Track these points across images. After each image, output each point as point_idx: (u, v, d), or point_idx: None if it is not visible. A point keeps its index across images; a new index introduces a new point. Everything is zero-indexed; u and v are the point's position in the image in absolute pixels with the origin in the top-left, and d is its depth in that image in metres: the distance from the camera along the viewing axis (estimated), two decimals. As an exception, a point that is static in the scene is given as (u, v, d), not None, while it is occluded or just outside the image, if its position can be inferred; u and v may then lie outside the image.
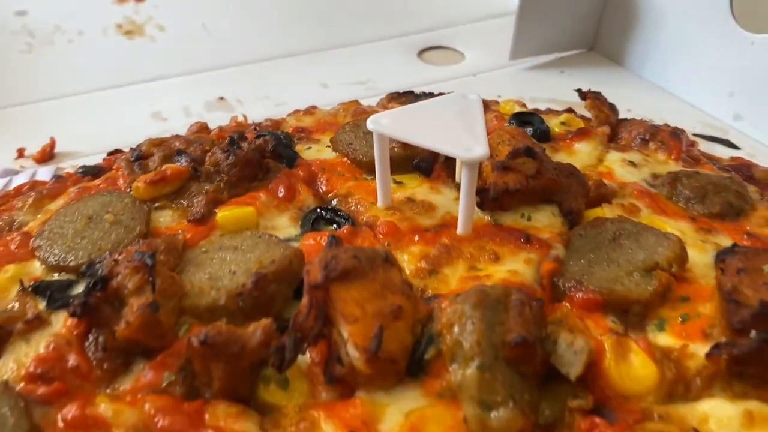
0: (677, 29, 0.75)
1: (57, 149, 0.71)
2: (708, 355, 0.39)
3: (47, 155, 0.67)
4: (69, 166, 0.67)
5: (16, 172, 0.65)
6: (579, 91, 0.69)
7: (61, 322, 0.42)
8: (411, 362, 0.39)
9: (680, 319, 0.44)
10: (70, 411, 0.37)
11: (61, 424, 0.37)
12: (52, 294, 0.44)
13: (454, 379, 0.38)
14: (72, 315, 0.41)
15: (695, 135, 0.69)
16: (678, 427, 0.36)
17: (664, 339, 0.42)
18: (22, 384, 0.40)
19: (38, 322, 0.43)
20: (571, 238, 0.49)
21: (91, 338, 0.42)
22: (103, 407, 0.37)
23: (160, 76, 0.83)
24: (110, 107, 0.79)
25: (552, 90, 0.76)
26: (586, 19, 0.85)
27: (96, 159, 0.67)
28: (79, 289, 0.45)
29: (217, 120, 0.71)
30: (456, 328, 0.39)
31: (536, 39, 0.82)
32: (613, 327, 0.42)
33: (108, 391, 0.39)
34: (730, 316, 0.39)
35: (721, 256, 0.44)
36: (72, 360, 0.40)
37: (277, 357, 0.39)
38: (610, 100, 0.72)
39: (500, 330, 0.38)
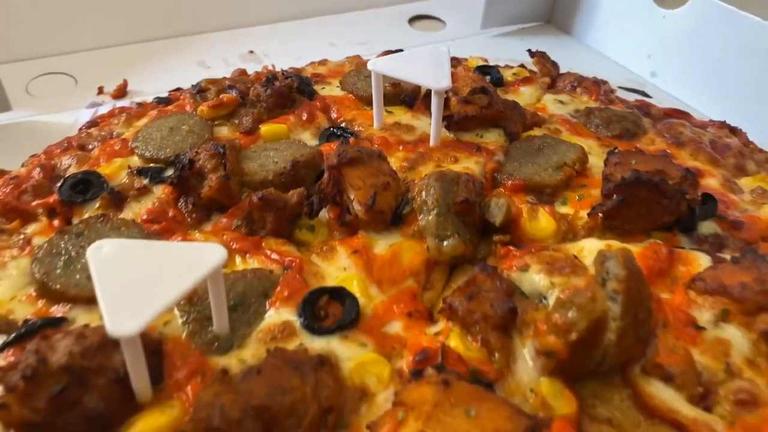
0: (612, 6, 0.92)
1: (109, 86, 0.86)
2: (589, 214, 0.57)
3: (121, 92, 0.83)
4: (140, 102, 0.79)
5: (100, 104, 0.83)
6: (529, 50, 0.86)
7: (161, 190, 0.60)
8: (394, 216, 0.57)
9: (577, 197, 0.61)
10: (177, 238, 0.55)
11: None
12: (152, 174, 0.62)
13: (421, 224, 0.56)
14: (170, 184, 0.59)
15: (620, 87, 0.85)
16: (564, 254, 0.54)
17: (564, 209, 0.60)
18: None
19: (144, 191, 0.60)
20: (510, 149, 0.66)
21: (181, 200, 0.60)
22: (198, 236, 0.55)
23: (202, 30, 0.98)
24: (164, 55, 0.93)
25: (512, 52, 0.91)
26: None
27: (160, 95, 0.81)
28: (169, 173, 0.61)
29: (249, 69, 0.87)
30: (423, 193, 0.56)
31: (502, 13, 0.98)
32: (530, 201, 0.60)
33: (197, 232, 0.57)
34: (603, 189, 0.57)
35: (608, 156, 0.62)
36: (171, 212, 0.58)
37: (309, 209, 0.57)
38: (558, 61, 0.89)
39: (452, 194, 0.56)
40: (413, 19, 1.05)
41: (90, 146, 0.66)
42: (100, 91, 0.83)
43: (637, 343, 0.47)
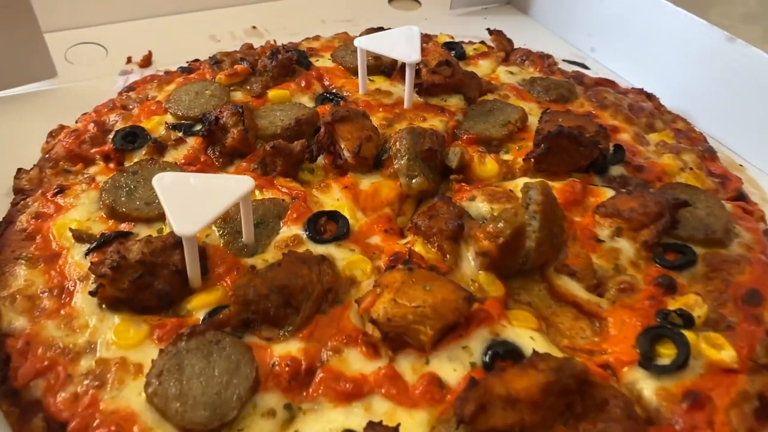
0: None
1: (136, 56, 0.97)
2: (523, 160, 0.72)
3: (147, 62, 0.94)
4: (163, 69, 0.91)
5: (130, 72, 0.95)
6: (488, 29, 1.00)
7: (192, 141, 0.73)
8: (375, 161, 0.70)
9: (517, 147, 0.75)
10: None
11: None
12: (185, 128, 0.76)
13: (395, 167, 0.69)
14: (201, 136, 0.72)
15: (564, 60, 0.99)
16: (502, 189, 0.69)
17: (506, 156, 0.74)
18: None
19: (180, 141, 0.73)
20: (467, 110, 0.81)
21: (209, 149, 0.74)
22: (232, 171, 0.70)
23: (211, 7, 1.09)
24: (180, 29, 1.04)
25: (476, 29, 1.03)
26: None
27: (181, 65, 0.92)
28: (197, 128, 0.74)
29: (254, 43, 0.98)
30: (397, 143, 0.69)
31: None
32: (480, 150, 0.75)
33: (223, 173, 0.71)
34: (534, 140, 0.72)
35: (541, 115, 0.76)
36: (202, 158, 0.71)
37: (310, 155, 0.71)
38: (514, 37, 1.01)
39: (419, 144, 0.70)
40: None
41: (130, 106, 0.79)
42: (129, 60, 0.94)
43: (551, 250, 0.62)
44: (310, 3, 1.14)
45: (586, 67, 0.98)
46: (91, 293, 0.53)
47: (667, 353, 0.54)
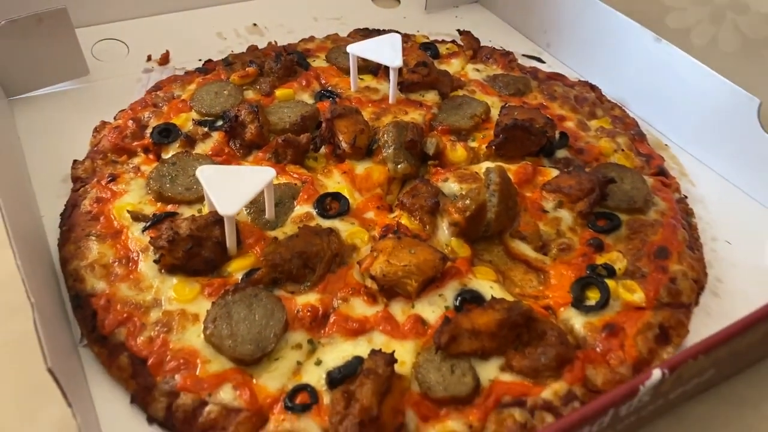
0: None
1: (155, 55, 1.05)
2: (486, 147, 0.87)
3: (165, 60, 1.03)
4: (181, 68, 1.01)
5: (151, 70, 1.03)
6: (458, 30, 1.14)
7: (216, 135, 0.83)
8: (367, 150, 0.82)
9: (482, 136, 0.88)
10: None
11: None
12: (209, 124, 0.88)
13: (384, 155, 0.81)
14: (224, 131, 0.85)
15: (523, 55, 1.11)
16: (470, 171, 0.82)
17: (473, 144, 0.87)
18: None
19: (206, 135, 0.83)
20: (441, 105, 0.93)
21: (231, 142, 0.87)
22: (246, 164, 0.83)
23: (215, 4, 1.17)
24: (190, 26, 1.11)
25: (448, 27, 1.15)
26: None
27: (194, 64, 1.01)
28: (219, 123, 0.85)
29: (254, 40, 1.08)
30: (385, 135, 0.81)
31: None
32: (452, 139, 0.89)
33: (244, 162, 0.85)
34: (494, 130, 0.86)
35: (501, 109, 0.90)
36: (226, 150, 0.83)
37: (314, 146, 0.84)
38: (481, 34, 1.13)
39: (403, 135, 0.83)
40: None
41: (160, 104, 0.89)
42: (149, 58, 1.04)
43: (507, 219, 0.76)
44: (302, 3, 1.22)
45: (542, 61, 1.11)
46: (155, 261, 0.67)
47: (593, 296, 0.68)
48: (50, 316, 0.61)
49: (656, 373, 0.51)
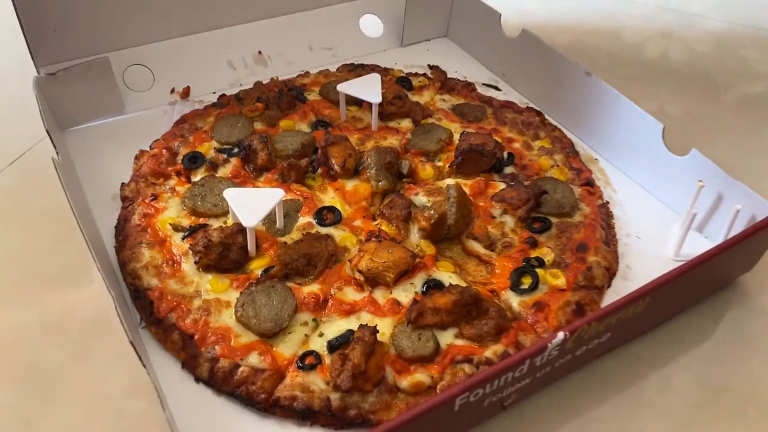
0: (481, 31, 1.34)
1: (177, 86, 1.17)
2: (449, 167, 1.06)
3: (186, 94, 1.15)
4: (199, 101, 1.15)
5: (175, 103, 1.16)
6: (429, 65, 1.32)
7: (234, 161, 0.96)
8: (355, 170, 0.95)
9: (446, 157, 1.04)
10: (248, 185, 1.02)
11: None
12: (228, 152, 1.06)
13: (368, 174, 0.95)
14: (240, 157, 1.02)
15: (483, 84, 1.27)
16: (436, 186, 0.97)
17: (439, 163, 1.01)
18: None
19: (225, 161, 0.97)
20: (414, 131, 1.06)
21: (246, 166, 1.04)
22: (259, 184, 1.00)
23: (225, 25, 1.20)
24: (203, 54, 1.17)
25: (421, 59, 1.29)
26: (441, 19, 1.38)
27: (209, 96, 1.15)
28: (236, 151, 1.01)
29: (259, 71, 1.21)
30: (368, 158, 0.95)
31: (415, 32, 1.34)
32: (422, 160, 1.08)
33: (258, 182, 1.03)
34: (455, 153, 1.05)
35: (461, 135, 1.09)
36: (242, 173, 1.01)
37: (312, 168, 1.02)
38: (449, 65, 1.28)
39: (383, 158, 0.99)
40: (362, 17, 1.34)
41: (186, 135, 1.03)
42: (172, 91, 1.16)
43: (463, 224, 0.93)
44: (300, 31, 1.28)
45: (498, 89, 1.25)
46: (195, 262, 0.85)
47: (526, 282, 0.83)
48: (121, 305, 0.80)
49: (560, 335, 0.70)
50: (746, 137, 1.23)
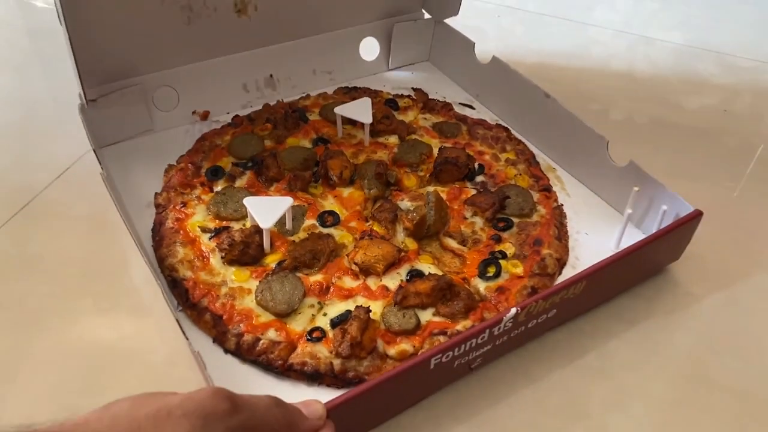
0: (459, 56, 1.49)
1: (196, 108, 1.23)
2: (429, 176, 1.25)
3: (205, 116, 1.27)
4: (216, 120, 1.23)
5: (195, 122, 1.31)
6: (413, 88, 1.50)
7: (248, 174, 1.05)
8: (350, 180, 1.05)
9: (427, 168, 1.19)
10: (261, 194, 1.20)
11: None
12: (243, 166, 1.20)
13: (361, 184, 1.08)
14: (254, 170, 1.20)
15: (459, 103, 1.41)
16: (418, 193, 1.19)
17: (421, 173, 1.12)
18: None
19: (241, 173, 1.10)
20: (399, 146, 1.17)
21: (259, 178, 1.22)
22: (270, 192, 1.18)
23: (244, 50, 1.27)
24: (220, 78, 1.24)
25: (406, 83, 1.40)
26: (424, 46, 1.50)
27: (224, 116, 1.27)
28: (250, 165, 1.12)
29: (268, 93, 1.30)
30: (362, 170, 1.09)
31: (401, 58, 1.45)
32: (407, 171, 1.24)
33: (269, 191, 1.21)
34: (434, 164, 1.22)
35: (439, 149, 1.26)
36: (257, 183, 1.19)
37: (315, 179, 1.20)
38: (430, 87, 1.41)
39: (374, 169, 1.13)
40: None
41: (207, 151, 1.17)
42: (194, 112, 1.27)
43: (441, 225, 1.04)
44: (306, 55, 1.37)
45: (472, 108, 1.39)
46: (221, 258, 1.02)
47: (491, 271, 0.94)
48: (165, 291, 0.97)
49: (513, 310, 0.87)
50: (689, 146, 1.39)
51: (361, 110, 1.16)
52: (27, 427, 0.46)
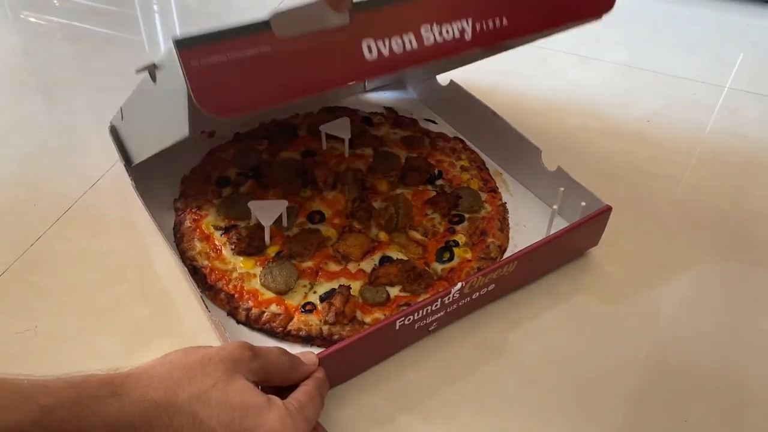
0: (425, 80, 1.77)
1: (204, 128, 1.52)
2: (397, 180, 1.47)
3: (212, 135, 1.52)
4: (221, 136, 1.45)
5: (203, 138, 1.58)
6: (384, 107, 1.71)
7: (250, 182, 1.14)
8: (333, 185, 1.18)
9: (395, 174, 1.47)
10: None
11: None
12: (245, 175, 1.43)
13: (343, 189, 1.35)
14: (254, 179, 1.42)
15: (425, 119, 1.59)
16: (389, 195, 1.40)
17: (391, 179, 1.45)
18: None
19: (244, 181, 1.28)
20: (374, 156, 1.22)
21: (258, 185, 1.45)
22: (269, 197, 1.40)
23: None
24: None
25: (380, 103, 1.53)
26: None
27: (227, 134, 1.47)
28: (250, 174, 1.29)
29: (260, 113, 1.61)
30: (343, 177, 1.36)
31: (375, 81, 1.73)
32: (379, 177, 1.48)
33: (268, 195, 1.42)
34: (401, 171, 1.45)
35: (406, 159, 1.51)
36: (257, 190, 1.42)
37: (304, 184, 1.41)
38: (400, 106, 1.59)
39: (351, 177, 1.31)
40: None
41: (215, 162, 1.43)
42: (202, 132, 1.49)
43: (407, 220, 1.18)
44: None
45: (435, 123, 1.56)
46: (232, 250, 1.24)
47: (446, 256, 1.03)
48: (187, 277, 1.18)
49: (459, 284, 1.06)
50: (612, 151, 1.56)
51: (341, 127, 1.26)
52: (114, 371, 0.61)
